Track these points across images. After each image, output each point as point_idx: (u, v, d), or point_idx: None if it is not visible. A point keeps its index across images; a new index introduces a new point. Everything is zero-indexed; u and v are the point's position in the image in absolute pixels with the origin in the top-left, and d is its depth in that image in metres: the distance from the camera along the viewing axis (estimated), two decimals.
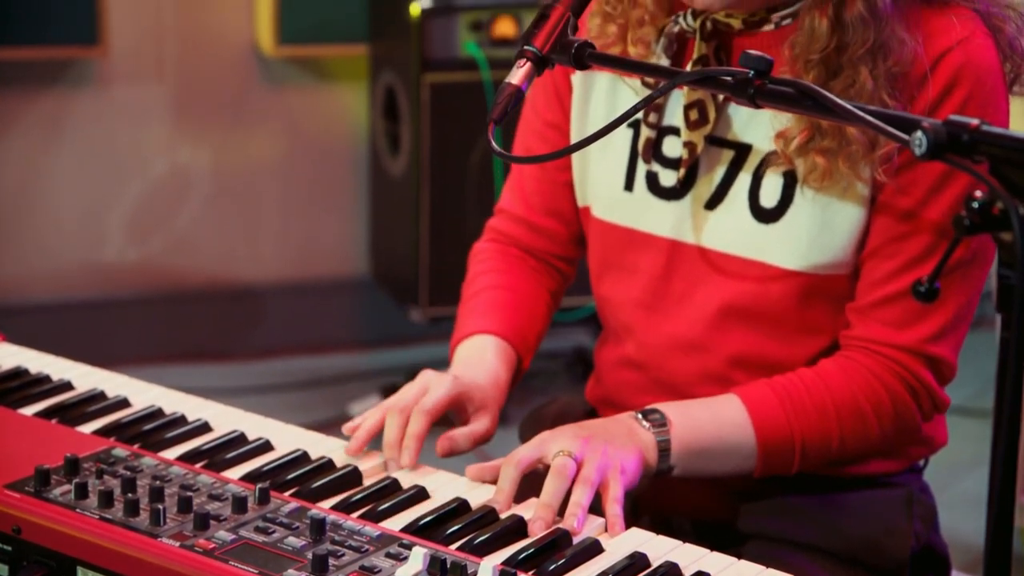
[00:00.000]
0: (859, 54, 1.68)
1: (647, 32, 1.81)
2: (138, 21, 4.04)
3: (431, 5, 3.80)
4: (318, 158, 4.28)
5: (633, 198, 1.86)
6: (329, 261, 4.36)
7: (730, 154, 1.80)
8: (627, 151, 1.87)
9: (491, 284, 1.96)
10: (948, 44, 1.70)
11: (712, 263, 1.82)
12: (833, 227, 1.75)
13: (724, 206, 1.80)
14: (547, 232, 1.99)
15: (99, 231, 4.16)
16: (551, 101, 1.94)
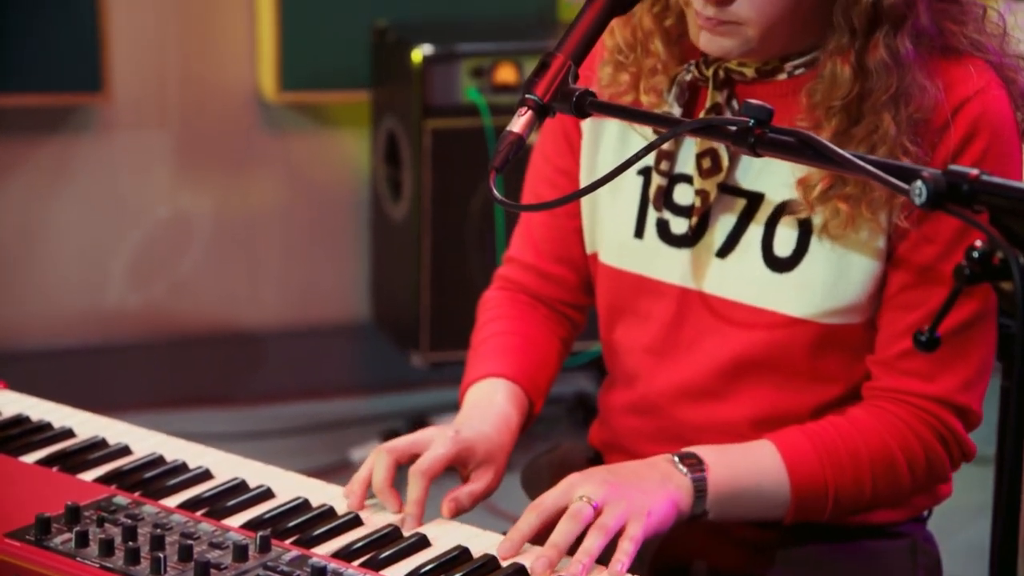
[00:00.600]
0: (882, 101, 1.68)
1: (659, 81, 1.81)
2: (141, 67, 4.05)
3: (433, 52, 3.81)
4: (320, 203, 4.29)
5: (644, 245, 1.86)
6: (330, 306, 4.36)
7: (742, 203, 1.80)
8: (637, 198, 1.87)
9: (501, 330, 1.96)
10: (966, 94, 1.71)
11: (723, 311, 1.82)
12: (848, 277, 1.75)
13: (736, 255, 1.80)
14: (557, 279, 1.99)
15: (100, 277, 4.16)
16: (561, 147, 1.94)
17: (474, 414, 1.82)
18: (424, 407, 4.16)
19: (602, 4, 1.70)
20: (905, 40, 1.67)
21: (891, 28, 1.67)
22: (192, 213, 4.20)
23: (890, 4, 1.66)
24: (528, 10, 4.15)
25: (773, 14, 1.68)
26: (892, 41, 1.67)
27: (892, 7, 1.66)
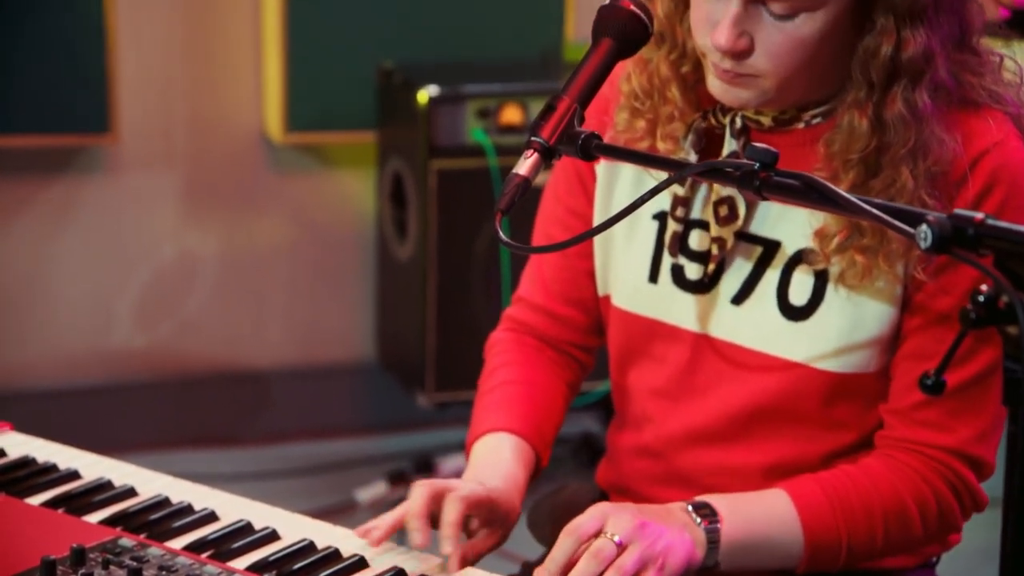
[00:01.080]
0: (900, 154, 1.68)
1: (676, 128, 1.81)
2: (148, 108, 4.07)
3: (439, 93, 3.82)
4: (325, 243, 4.30)
5: (658, 290, 1.86)
6: (336, 346, 4.36)
7: (758, 250, 1.80)
8: (652, 243, 1.87)
9: (508, 379, 1.95)
10: (984, 146, 1.71)
11: (737, 358, 1.82)
12: (863, 326, 1.75)
13: (751, 302, 1.80)
14: (567, 321, 1.98)
15: (106, 316, 4.17)
16: (574, 189, 1.94)
17: (484, 471, 1.81)
18: (430, 447, 4.16)
19: (608, 48, 1.71)
20: (923, 94, 1.67)
21: (909, 82, 1.67)
22: (198, 253, 4.21)
23: (908, 58, 1.66)
24: (533, 51, 4.16)
25: (790, 66, 1.68)
26: (910, 95, 1.67)
27: (910, 61, 1.66)
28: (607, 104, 1.87)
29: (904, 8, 1.65)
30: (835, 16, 1.66)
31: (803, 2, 1.65)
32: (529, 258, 2.03)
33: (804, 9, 1.65)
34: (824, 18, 1.66)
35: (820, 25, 1.66)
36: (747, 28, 1.68)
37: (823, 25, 1.66)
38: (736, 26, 1.67)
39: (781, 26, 1.67)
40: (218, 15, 4.09)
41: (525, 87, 3.89)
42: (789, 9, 1.65)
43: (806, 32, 1.66)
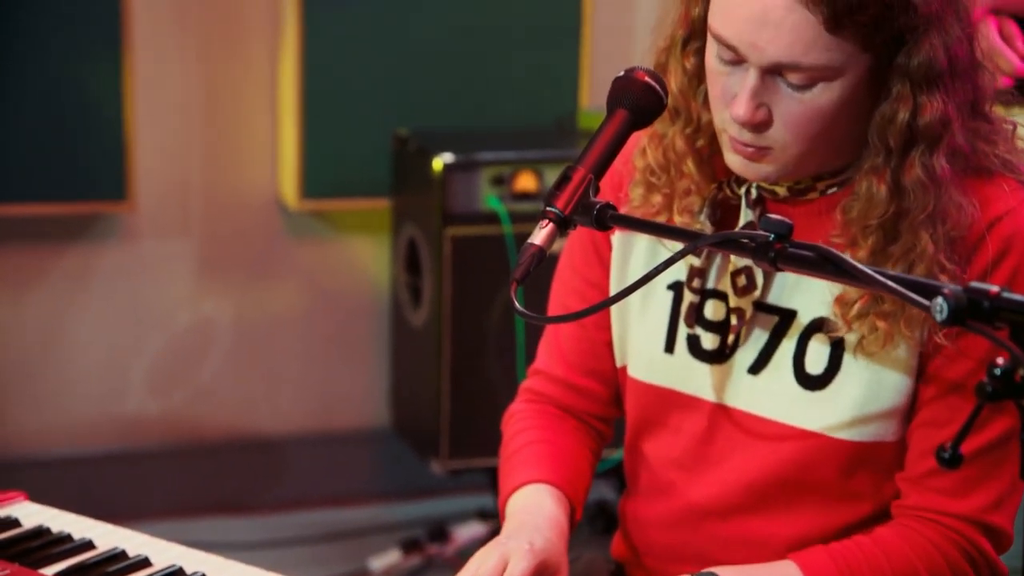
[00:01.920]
0: (920, 219, 1.68)
1: (693, 202, 1.82)
2: (165, 175, 4.09)
3: (453, 160, 3.84)
4: (340, 310, 4.31)
5: (674, 360, 1.86)
6: (350, 413, 4.36)
7: (774, 319, 1.80)
8: (667, 313, 1.87)
9: (534, 439, 1.94)
10: (999, 213, 1.71)
11: (754, 428, 1.81)
12: (880, 395, 1.74)
13: (768, 371, 1.80)
14: (587, 392, 1.98)
15: (121, 383, 4.17)
16: (591, 259, 1.95)
17: (527, 521, 1.79)
18: (444, 515, 4.15)
19: (623, 119, 1.72)
20: (941, 159, 1.67)
21: (927, 148, 1.68)
22: (213, 320, 4.22)
23: (925, 124, 1.67)
24: (548, 119, 4.18)
25: (809, 137, 1.69)
26: (928, 160, 1.68)
27: (928, 127, 1.67)
28: (620, 180, 1.88)
29: (920, 75, 1.66)
30: (852, 85, 1.67)
31: (820, 72, 1.65)
32: (545, 330, 2.03)
33: (821, 79, 1.65)
34: (841, 87, 1.66)
35: (838, 94, 1.67)
36: (765, 100, 1.68)
37: (841, 94, 1.67)
38: (754, 98, 1.67)
39: (799, 97, 1.67)
40: (234, 82, 4.12)
41: (540, 154, 3.90)
42: (806, 79, 1.65)
43: (824, 102, 1.67)
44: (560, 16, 4.18)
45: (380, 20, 4.03)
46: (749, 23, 1.65)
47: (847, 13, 1.61)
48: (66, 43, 3.80)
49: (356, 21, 4.01)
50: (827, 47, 1.63)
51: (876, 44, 1.64)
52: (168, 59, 4.04)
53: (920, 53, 1.65)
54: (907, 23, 1.64)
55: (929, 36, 1.65)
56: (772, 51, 1.64)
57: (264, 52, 4.12)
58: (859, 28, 1.63)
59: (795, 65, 1.64)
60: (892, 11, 1.63)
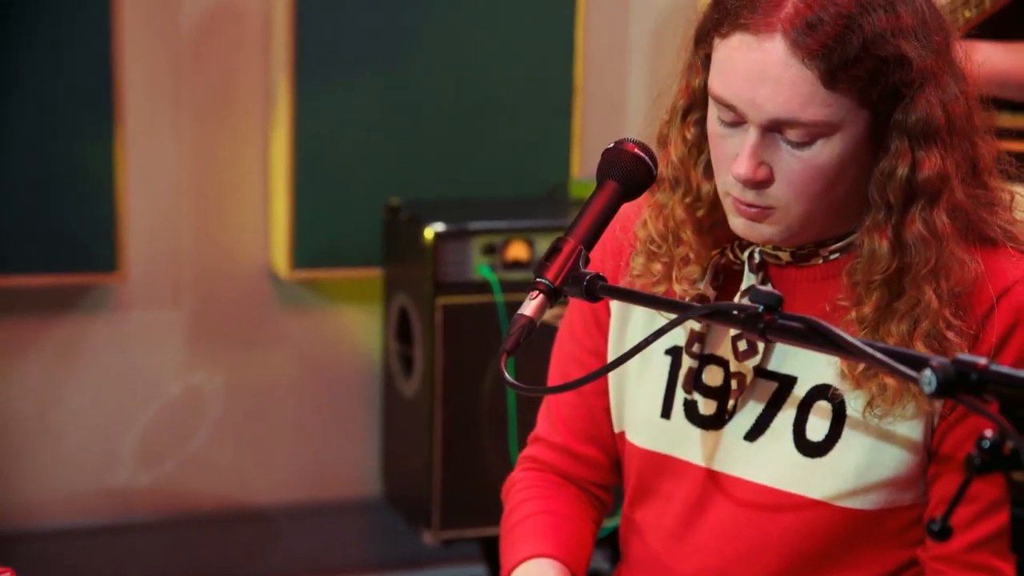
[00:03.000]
0: (922, 274, 1.69)
1: (692, 271, 1.82)
2: (156, 246, 4.09)
3: (445, 229, 3.85)
4: (331, 380, 4.30)
5: (671, 426, 1.86)
6: (342, 483, 4.34)
7: (772, 386, 1.80)
8: (665, 378, 1.87)
9: (537, 509, 1.93)
10: (1006, 284, 1.71)
11: (750, 495, 1.80)
12: (881, 463, 1.74)
13: (766, 438, 1.79)
14: (587, 460, 1.97)
15: (112, 455, 4.15)
16: (590, 328, 1.95)
17: None
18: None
19: (612, 190, 1.73)
20: (942, 214, 1.68)
21: (927, 203, 1.68)
22: (204, 390, 4.21)
23: (924, 179, 1.67)
24: (539, 188, 4.20)
25: (811, 195, 1.69)
26: (929, 215, 1.68)
27: (926, 182, 1.68)
28: (620, 248, 1.89)
29: (918, 130, 1.67)
30: (852, 142, 1.67)
31: (819, 128, 1.65)
32: (545, 398, 2.03)
33: (820, 135, 1.66)
34: (841, 144, 1.67)
35: (838, 151, 1.67)
36: (765, 158, 1.69)
37: (841, 151, 1.67)
38: (755, 156, 1.68)
39: (799, 154, 1.68)
40: (226, 152, 4.13)
41: (531, 224, 3.92)
42: (805, 136, 1.66)
43: (824, 159, 1.67)
44: (552, 86, 4.20)
45: (371, 91, 4.05)
46: (747, 81, 1.66)
47: (843, 68, 1.63)
48: (58, 115, 3.82)
49: (347, 92, 4.03)
50: (824, 102, 1.64)
51: (873, 99, 1.66)
52: (160, 131, 4.06)
53: (917, 109, 1.66)
54: (903, 78, 1.65)
55: (925, 92, 1.66)
56: (770, 107, 1.65)
57: (256, 122, 4.14)
58: (855, 83, 1.64)
59: (793, 121, 1.65)
60: (888, 66, 1.64)
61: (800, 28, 1.62)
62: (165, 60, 4.04)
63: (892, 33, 1.64)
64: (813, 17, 1.62)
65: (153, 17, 4.00)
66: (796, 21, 1.63)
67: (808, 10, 1.63)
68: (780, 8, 1.64)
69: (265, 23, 4.09)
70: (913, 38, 1.65)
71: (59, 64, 3.79)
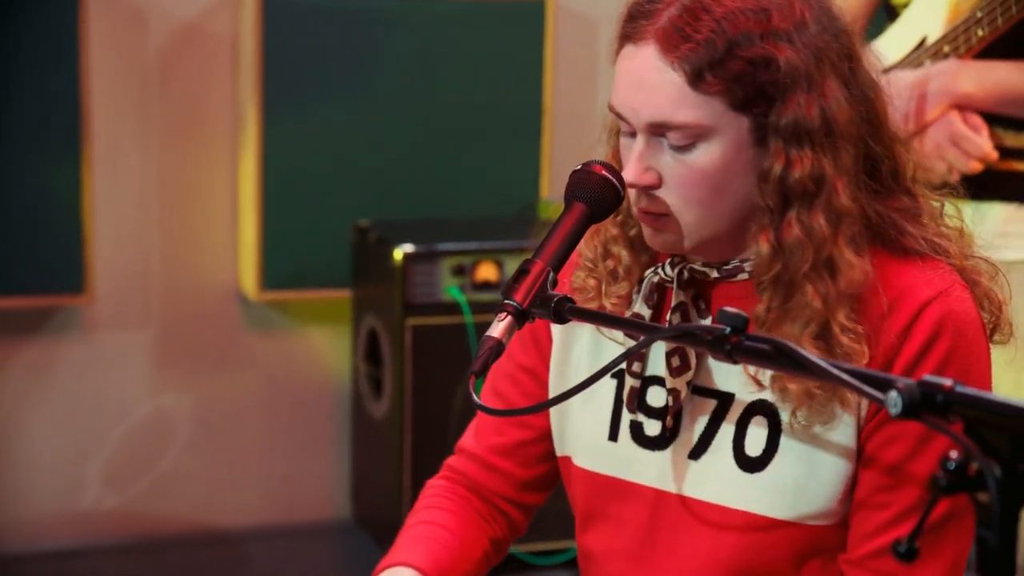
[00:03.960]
0: (801, 275, 1.70)
1: (622, 287, 1.84)
2: (124, 267, 4.08)
3: (414, 250, 3.85)
4: (300, 401, 4.29)
5: (618, 448, 1.86)
6: (311, 505, 4.33)
7: (712, 403, 1.81)
8: (611, 401, 1.88)
9: (425, 519, 1.95)
10: (928, 297, 1.72)
11: (698, 513, 1.81)
12: (819, 476, 1.75)
13: (708, 455, 1.80)
14: (501, 472, 1.98)
15: (78, 478, 4.13)
16: (528, 347, 1.96)
17: None
18: None
19: (580, 212, 1.74)
20: (819, 216, 1.70)
21: (802, 205, 1.70)
22: (172, 412, 4.20)
23: (795, 180, 1.69)
24: (508, 209, 4.21)
25: (698, 198, 1.71)
26: (806, 218, 1.70)
27: (798, 183, 1.69)
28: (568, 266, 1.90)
29: (789, 131, 1.69)
30: (732, 146, 1.70)
31: (692, 131, 1.68)
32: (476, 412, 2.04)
33: (698, 138, 1.69)
34: (722, 147, 1.69)
35: (719, 155, 1.70)
36: (653, 164, 1.72)
37: (722, 155, 1.70)
38: (641, 160, 1.72)
39: (682, 158, 1.70)
40: (194, 173, 4.13)
41: (500, 244, 3.92)
42: (684, 139, 1.69)
43: (706, 163, 1.70)
44: (520, 108, 4.21)
45: (340, 111, 4.06)
46: (629, 88, 1.71)
47: (708, 69, 1.66)
48: (26, 136, 3.81)
49: (316, 113, 4.03)
50: (694, 104, 1.68)
51: (745, 102, 1.68)
52: (128, 153, 4.05)
53: (788, 111, 1.68)
54: (771, 79, 1.67)
55: (796, 94, 1.68)
56: (646, 112, 1.70)
57: (224, 143, 4.14)
58: (723, 84, 1.67)
59: (667, 124, 1.69)
60: (755, 67, 1.67)
61: (670, 33, 1.68)
62: (133, 82, 4.03)
63: (760, 36, 1.67)
64: (683, 23, 1.67)
65: (121, 39, 4.00)
66: (668, 27, 1.68)
67: (679, 17, 1.68)
68: (658, 17, 1.69)
69: (233, 45, 4.09)
70: (784, 41, 1.68)
71: (26, 85, 3.78)
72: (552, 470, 1.98)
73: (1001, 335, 1.79)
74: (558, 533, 3.60)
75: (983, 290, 1.77)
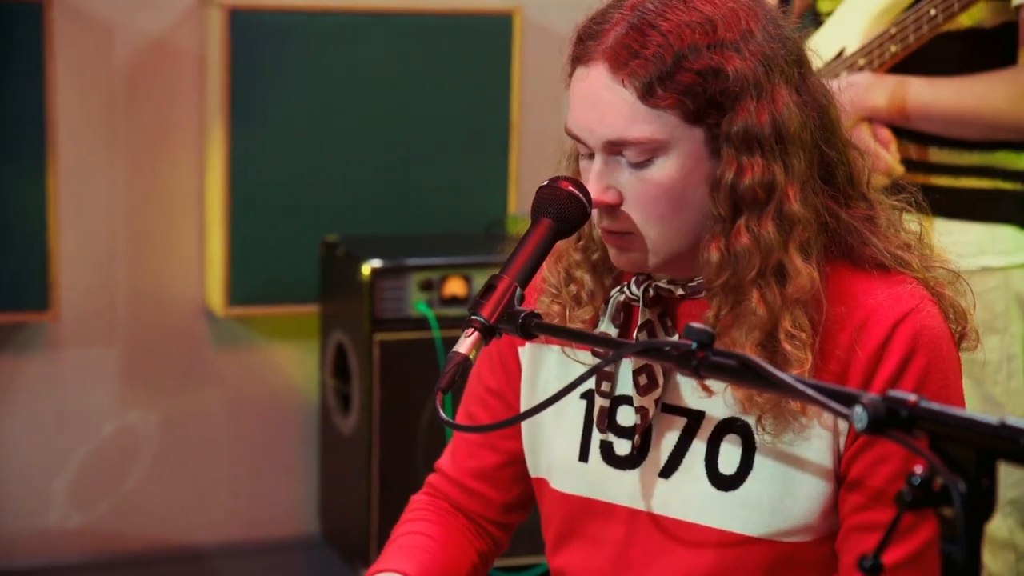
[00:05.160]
0: (747, 280, 1.71)
1: (587, 311, 1.84)
2: (89, 284, 4.06)
3: (381, 265, 3.85)
4: (268, 417, 4.28)
5: (588, 468, 1.86)
6: (279, 521, 4.31)
7: (682, 421, 1.80)
8: (581, 421, 1.87)
9: (415, 530, 1.96)
10: (900, 315, 1.72)
11: (672, 532, 1.81)
12: (795, 494, 1.75)
13: (680, 474, 1.80)
14: (479, 495, 1.99)
15: (44, 495, 4.11)
16: (496, 371, 1.96)
17: None
18: None
19: (547, 227, 1.74)
20: (768, 224, 1.70)
21: (752, 213, 1.71)
22: (139, 429, 4.18)
23: (746, 187, 1.69)
24: (476, 224, 4.20)
25: (659, 214, 1.71)
26: (755, 225, 1.70)
27: (748, 190, 1.69)
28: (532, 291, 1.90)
29: (739, 138, 1.69)
30: (689, 159, 1.70)
31: (648, 146, 1.69)
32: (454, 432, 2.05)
33: (655, 153, 1.70)
34: (679, 161, 1.70)
35: (676, 168, 1.70)
36: (612, 182, 1.72)
37: (680, 168, 1.70)
38: (600, 179, 1.72)
39: (640, 174, 1.71)
40: (160, 188, 4.11)
41: (468, 260, 3.92)
42: (640, 155, 1.70)
43: (664, 178, 1.70)
44: (488, 123, 4.22)
45: (307, 126, 4.05)
46: (583, 109, 1.72)
47: (658, 83, 1.67)
48: None
49: (283, 127, 4.03)
50: (647, 119, 1.68)
51: (697, 113, 1.69)
52: (93, 168, 4.04)
53: (739, 118, 1.69)
54: (721, 89, 1.68)
55: (746, 102, 1.69)
56: (600, 130, 1.70)
57: (191, 159, 4.12)
58: (674, 97, 1.67)
59: (623, 141, 1.69)
60: (703, 78, 1.68)
61: (619, 51, 1.68)
62: (99, 97, 4.02)
63: (708, 47, 1.68)
64: (630, 40, 1.68)
65: (87, 54, 3.99)
66: (616, 46, 1.69)
67: (626, 35, 1.69)
68: (605, 37, 1.70)
69: (200, 60, 4.08)
70: (732, 50, 1.68)
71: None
72: (530, 490, 1.98)
73: (968, 342, 1.80)
74: (526, 549, 3.60)
75: (948, 301, 1.78)
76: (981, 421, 1.20)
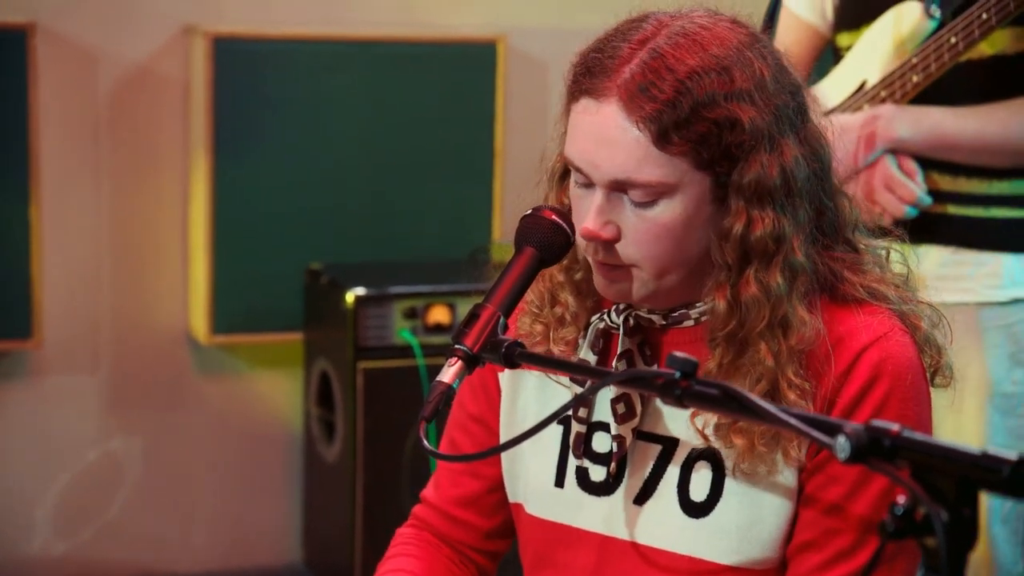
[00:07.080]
0: (756, 332, 1.71)
1: (569, 332, 1.84)
2: (72, 311, 4.05)
3: (365, 293, 3.85)
4: (252, 446, 4.27)
5: (564, 494, 1.86)
6: (262, 550, 4.30)
7: (657, 448, 1.81)
8: (558, 447, 1.88)
9: (398, 567, 1.95)
10: (867, 341, 1.73)
11: (645, 558, 1.81)
12: (763, 520, 1.75)
13: (653, 501, 1.81)
14: (464, 524, 1.99)
15: (27, 524, 4.09)
16: (478, 397, 1.96)
17: None
18: None
19: (530, 256, 1.75)
20: (776, 274, 1.71)
21: (761, 263, 1.71)
22: (122, 457, 4.17)
23: (756, 239, 1.70)
24: (461, 252, 4.21)
25: (659, 254, 1.72)
26: (764, 276, 1.71)
27: (759, 241, 1.70)
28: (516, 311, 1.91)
29: (751, 190, 1.69)
30: (693, 202, 1.70)
31: (656, 188, 1.69)
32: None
33: (661, 196, 1.69)
34: (683, 204, 1.70)
35: (680, 211, 1.70)
36: (612, 218, 1.72)
37: (683, 211, 1.70)
38: (601, 215, 1.71)
39: (643, 214, 1.71)
40: (144, 216, 4.11)
41: (452, 287, 3.92)
42: (647, 196, 1.70)
43: (667, 219, 1.70)
44: (472, 150, 4.22)
45: (292, 154, 4.05)
46: (589, 143, 1.71)
47: (674, 129, 1.66)
48: None
49: (267, 155, 4.03)
50: (659, 163, 1.68)
51: (709, 161, 1.69)
52: (77, 196, 4.03)
53: (751, 170, 1.69)
54: (735, 140, 1.68)
55: (759, 154, 1.69)
56: (608, 168, 1.69)
57: (175, 186, 4.12)
58: (688, 144, 1.67)
59: (631, 181, 1.69)
60: (719, 128, 1.67)
61: (634, 92, 1.67)
62: (83, 124, 4.02)
63: (724, 96, 1.67)
64: (647, 82, 1.67)
65: (71, 82, 3.99)
66: (631, 86, 1.67)
67: (642, 75, 1.67)
68: (619, 73, 1.69)
69: (184, 88, 4.08)
70: (747, 101, 1.68)
71: None
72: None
73: (943, 378, 1.81)
74: None
75: (923, 334, 1.78)
76: (963, 451, 1.21)
